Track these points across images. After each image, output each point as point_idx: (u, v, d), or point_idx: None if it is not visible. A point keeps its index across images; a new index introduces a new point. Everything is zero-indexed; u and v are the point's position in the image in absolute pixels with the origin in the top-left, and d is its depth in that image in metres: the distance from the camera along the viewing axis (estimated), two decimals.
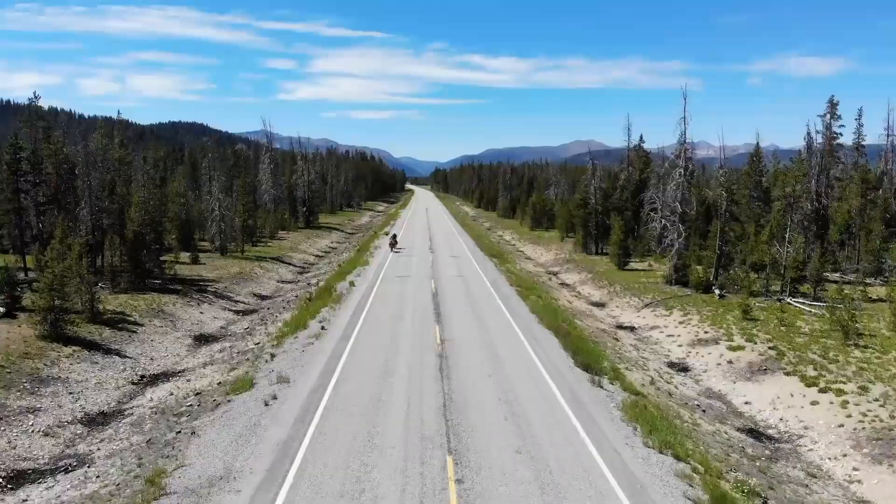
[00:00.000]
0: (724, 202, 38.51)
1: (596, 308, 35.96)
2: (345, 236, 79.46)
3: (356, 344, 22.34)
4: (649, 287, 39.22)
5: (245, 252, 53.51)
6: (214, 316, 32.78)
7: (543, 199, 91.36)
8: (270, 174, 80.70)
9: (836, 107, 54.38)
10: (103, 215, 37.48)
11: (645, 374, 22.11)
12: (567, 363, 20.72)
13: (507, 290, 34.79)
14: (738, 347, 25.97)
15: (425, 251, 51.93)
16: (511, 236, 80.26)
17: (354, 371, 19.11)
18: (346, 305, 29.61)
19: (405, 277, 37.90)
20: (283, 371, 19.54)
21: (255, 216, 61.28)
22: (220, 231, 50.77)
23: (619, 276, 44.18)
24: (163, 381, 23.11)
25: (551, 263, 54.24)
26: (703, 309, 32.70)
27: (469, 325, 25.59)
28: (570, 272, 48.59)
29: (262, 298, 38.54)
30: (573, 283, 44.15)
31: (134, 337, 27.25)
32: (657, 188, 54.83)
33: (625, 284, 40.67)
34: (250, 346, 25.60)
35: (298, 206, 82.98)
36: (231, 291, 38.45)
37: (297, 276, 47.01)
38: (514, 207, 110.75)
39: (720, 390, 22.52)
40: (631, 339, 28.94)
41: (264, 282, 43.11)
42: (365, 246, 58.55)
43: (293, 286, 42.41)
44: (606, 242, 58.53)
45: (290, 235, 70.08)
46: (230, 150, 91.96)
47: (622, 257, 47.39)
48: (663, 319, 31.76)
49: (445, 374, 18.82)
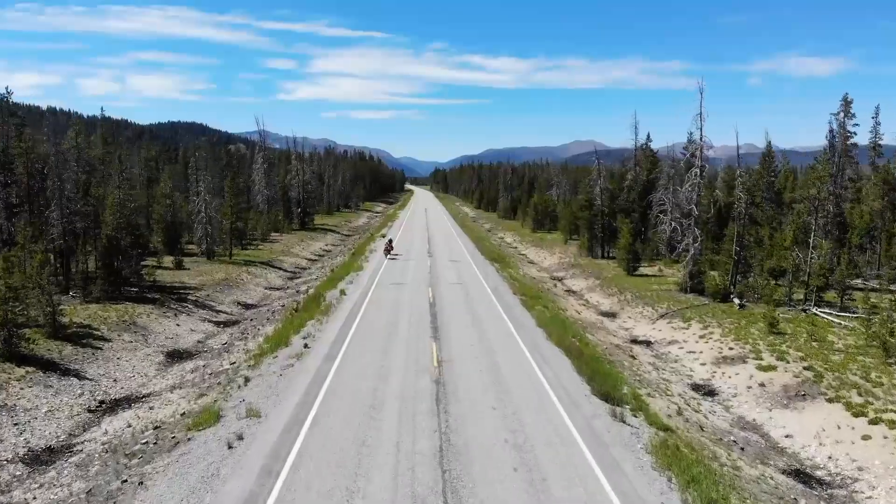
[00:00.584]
0: (743, 204, 35.86)
1: (606, 319, 33.30)
2: (340, 238, 76.79)
3: (342, 367, 19.68)
4: (662, 295, 36.57)
5: (233, 256, 50.85)
6: (192, 328, 30.10)
7: (546, 200, 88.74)
8: (264, 174, 78.02)
9: (850, 105, 51.66)
10: (76, 218, 34.80)
11: (670, 402, 19.45)
12: (582, 390, 18.06)
13: (510, 298, 32.15)
14: (769, 367, 23.33)
15: (423, 255, 49.28)
16: (512, 238, 77.63)
17: (336, 403, 16.45)
18: (334, 318, 26.95)
19: (401, 284, 35.26)
20: (255, 401, 16.89)
21: (244, 218, 58.62)
22: (206, 234, 48.12)
23: (629, 282, 41.53)
24: (124, 407, 20.45)
25: (555, 268, 51.59)
26: (723, 321, 30.06)
27: (469, 341, 22.94)
28: (575, 278, 45.94)
29: (247, 307, 35.87)
30: (580, 291, 41.49)
31: (98, 355, 24.59)
32: (667, 189, 52.25)
33: (636, 292, 38.02)
34: (225, 366, 22.93)
35: (293, 207, 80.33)
36: (213, 300, 35.78)
37: (286, 283, 44.34)
38: (515, 208, 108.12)
39: (755, 420, 19.87)
40: (648, 356, 26.28)
41: (251, 289, 40.43)
42: (360, 249, 55.88)
43: (281, 294, 39.73)
44: (613, 246, 55.93)
45: (283, 238, 67.43)
46: (223, 150, 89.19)
47: (631, 262, 44.76)
48: (682, 333, 29.10)
49: (443, 407, 16.16)
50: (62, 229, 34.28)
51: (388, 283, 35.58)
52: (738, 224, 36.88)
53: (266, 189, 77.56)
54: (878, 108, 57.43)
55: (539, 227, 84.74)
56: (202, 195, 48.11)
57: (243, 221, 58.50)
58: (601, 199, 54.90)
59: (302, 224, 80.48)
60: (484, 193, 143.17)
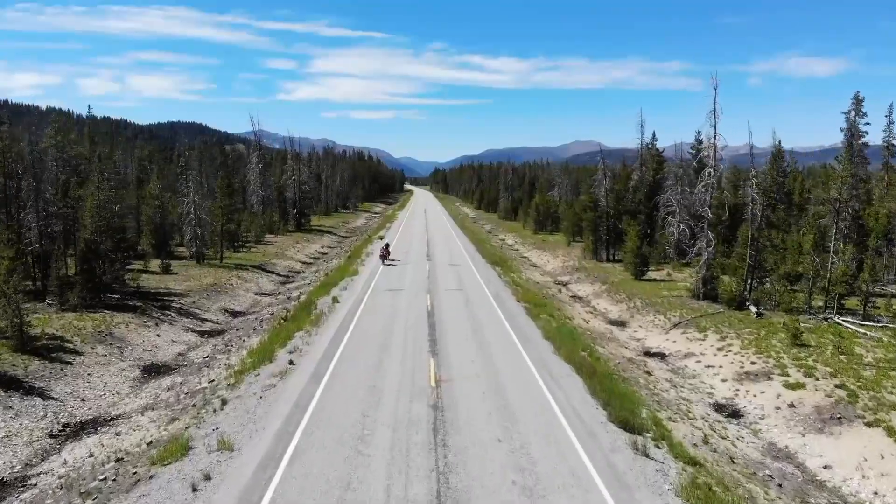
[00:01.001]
0: (760, 206, 33.90)
1: (616, 328, 31.34)
2: (337, 240, 74.83)
3: (329, 388, 17.74)
4: (674, 302, 34.63)
5: (225, 259, 48.92)
6: (173, 339, 28.15)
7: (547, 201, 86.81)
8: (259, 174, 76.08)
9: (861, 103, 49.70)
10: (53, 221, 32.89)
11: (693, 427, 17.51)
12: (597, 416, 16.12)
13: (513, 306, 30.22)
14: (797, 385, 21.39)
15: (422, 258, 47.34)
16: (513, 240, 75.69)
17: (320, 434, 14.50)
18: (324, 328, 25.01)
19: (398, 291, 33.32)
20: (230, 430, 14.97)
21: (237, 219, 56.65)
22: (196, 237, 46.17)
23: (638, 287, 39.59)
24: (89, 432, 18.51)
25: (559, 272, 49.65)
26: (741, 331, 28.12)
27: (470, 356, 21.00)
28: (581, 283, 43.98)
29: (235, 315, 33.91)
30: (586, 297, 39.53)
31: (68, 370, 22.65)
32: (675, 190, 50.34)
33: (645, 298, 36.07)
34: (203, 384, 20.98)
35: (289, 208, 78.38)
36: (199, 307, 33.83)
37: (278, 288, 42.38)
38: (516, 209, 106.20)
39: (788, 447, 17.92)
40: (664, 370, 24.33)
41: (240, 294, 38.47)
42: (357, 252, 53.93)
43: (272, 300, 37.77)
44: (618, 248, 53.99)
45: (277, 239, 65.48)
46: (217, 149, 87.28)
47: (639, 266, 42.81)
48: (698, 344, 27.15)
49: (441, 440, 14.22)
50: (38, 232, 32.37)
51: (384, 290, 33.64)
52: (753, 227, 34.93)
53: (261, 189, 75.63)
54: (891, 107, 55.50)
55: (541, 229, 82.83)
56: (191, 196, 46.16)
57: (236, 223, 56.59)
58: (606, 199, 52.95)
59: (298, 225, 78.55)
60: (484, 194, 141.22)
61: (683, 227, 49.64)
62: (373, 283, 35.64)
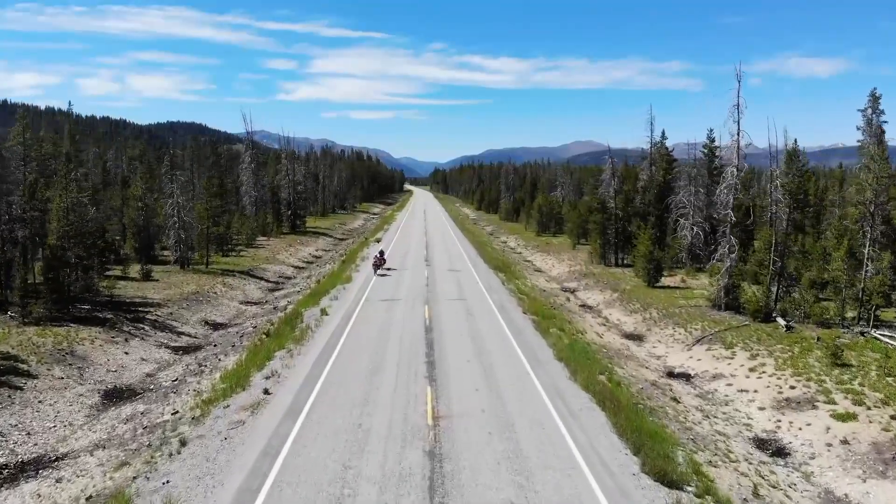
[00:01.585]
0: (787, 208, 31.19)
1: (633, 343, 28.62)
2: (333, 242, 72.12)
3: (305, 428, 15.01)
4: (693, 313, 31.93)
5: (211, 264, 46.20)
6: (143, 357, 25.43)
7: (551, 202, 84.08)
8: (252, 174, 73.36)
9: (878, 100, 46.99)
10: (16, 225, 30.19)
11: (738, 473, 14.78)
12: (628, 465, 13.40)
13: (519, 318, 27.51)
14: (847, 416, 18.68)
15: (420, 263, 44.65)
16: (516, 242, 72.98)
17: (289, 495, 11.77)
18: (309, 348, 22.31)
19: (393, 301, 30.62)
20: (181, 486, 12.30)
21: (226, 222, 53.92)
22: (180, 241, 43.46)
23: (652, 295, 36.89)
24: (29, 476, 15.77)
25: (566, 277, 46.92)
26: (772, 347, 25.42)
27: (474, 383, 18.29)
28: (590, 290, 41.25)
29: (215, 328, 31.17)
30: (597, 306, 36.79)
31: (16, 397, 19.93)
32: (687, 191, 47.64)
33: (661, 308, 33.38)
34: (166, 415, 18.25)
35: (283, 209, 75.66)
36: (177, 319, 31.12)
37: (265, 296, 39.65)
38: (518, 210, 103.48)
39: (848, 496, 15.19)
40: (692, 396, 21.61)
41: (223, 304, 35.74)
42: (352, 256, 51.23)
43: (257, 310, 35.04)
44: (628, 252, 51.30)
45: (270, 242, 62.76)
46: (209, 148, 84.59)
47: (652, 273, 40.08)
48: (726, 364, 24.43)
49: (438, 501, 11.50)
50: (1, 238, 29.67)
51: (379, 300, 30.94)
52: (779, 231, 32.25)
53: (254, 190, 72.92)
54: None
55: (544, 230, 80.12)
56: (175, 197, 43.44)
57: (224, 225, 53.87)
58: (615, 201, 50.23)
59: (292, 227, 75.83)
60: (485, 194, 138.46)
61: (697, 230, 46.98)
62: (366, 292, 32.96)
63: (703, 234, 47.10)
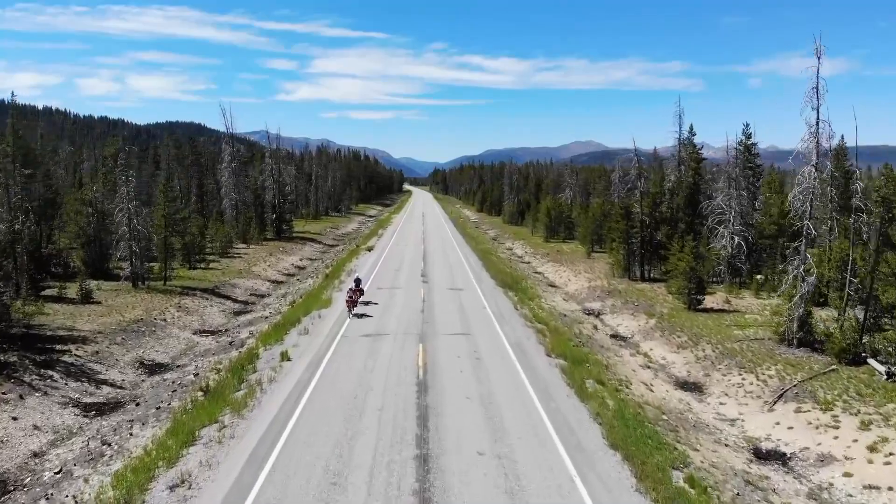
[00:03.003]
0: (878, 220, 24.51)
1: (691, 397, 21.92)
2: (321, 250, 65.41)
3: None
4: (757, 350, 25.26)
5: (172, 279, 39.58)
6: (37, 424, 18.71)
7: (560, 204, 77.39)
8: (232, 174, 66.63)
9: None
10: None
11: None
12: None
13: (543, 365, 20.83)
14: None
15: (415, 279, 37.97)
16: (523, 250, 66.28)
17: None
18: (249, 424, 15.59)
19: (378, 338, 23.93)
20: None
21: (191, 229, 47.18)
22: (132, 253, 36.76)
23: (696, 322, 30.25)
24: None
25: (587, 295, 40.19)
26: (883, 407, 18.77)
27: (490, 496, 11.64)
28: (618, 313, 34.53)
29: (151, 371, 24.41)
30: (632, 337, 30.05)
31: None
32: (727, 194, 40.97)
33: (715, 342, 26.72)
34: None
35: (267, 212, 68.94)
36: (104, 360, 24.40)
37: (228, 321, 32.93)
38: (523, 213, 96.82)
39: None
40: (801, 498, 14.86)
41: (172, 335, 29.02)
42: (337, 269, 44.56)
43: (212, 343, 28.29)
44: (654, 264, 44.68)
45: (249, 250, 56.08)
46: (188, 146, 77.94)
47: (693, 292, 33.41)
48: (830, 436, 17.73)
49: None
50: None
51: (360, 335, 24.24)
52: (855, 245, 25.57)
53: (235, 191, 66.19)
54: None
55: (552, 236, 73.51)
56: (126, 203, 36.73)
57: (194, 233, 47.18)
58: (641, 205, 43.53)
59: (277, 232, 69.16)
60: (486, 195, 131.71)
61: (738, 239, 40.33)
62: (345, 324, 26.25)
63: (744, 245, 40.48)
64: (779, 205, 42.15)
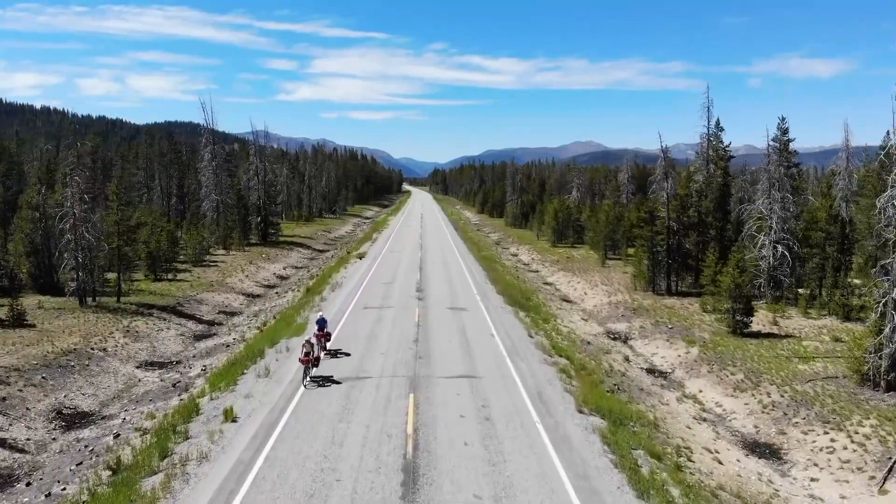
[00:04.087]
0: None
1: (770, 468, 16.59)
2: (309, 256, 60.12)
3: None
4: (835, 395, 20.02)
5: (130, 294, 34.38)
6: None
7: (568, 207, 72.06)
8: (213, 174, 61.30)
9: None
10: None
11: None
12: None
13: (577, 431, 15.46)
14: None
15: (410, 296, 32.67)
16: (529, 256, 60.97)
17: None
18: None
19: (356, 383, 18.62)
20: None
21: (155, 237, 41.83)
22: (78, 265, 31.47)
23: (748, 352, 24.99)
24: None
25: (608, 313, 34.88)
26: None
27: None
28: (650, 337, 29.23)
29: (68, 426, 19.02)
30: (672, 372, 24.70)
31: None
32: (770, 197, 35.69)
33: (780, 382, 21.45)
34: None
35: (251, 215, 63.58)
36: (9, 408, 19.09)
37: (185, 349, 27.62)
38: (527, 215, 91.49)
39: None
40: None
41: (110, 370, 23.69)
42: (319, 284, 39.26)
43: (155, 381, 22.93)
44: (680, 276, 39.47)
45: (228, 258, 50.81)
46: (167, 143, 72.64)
47: (739, 314, 28.12)
48: None
49: None
50: None
51: (333, 381, 18.91)
52: None
53: (215, 192, 60.85)
54: None
55: (560, 240, 68.24)
56: (71, 208, 31.42)
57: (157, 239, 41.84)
58: (668, 209, 38.23)
59: (263, 237, 63.87)
60: (488, 196, 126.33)
61: (782, 249, 35.07)
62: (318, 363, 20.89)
63: (789, 255, 35.21)
64: (826, 209, 37.00)
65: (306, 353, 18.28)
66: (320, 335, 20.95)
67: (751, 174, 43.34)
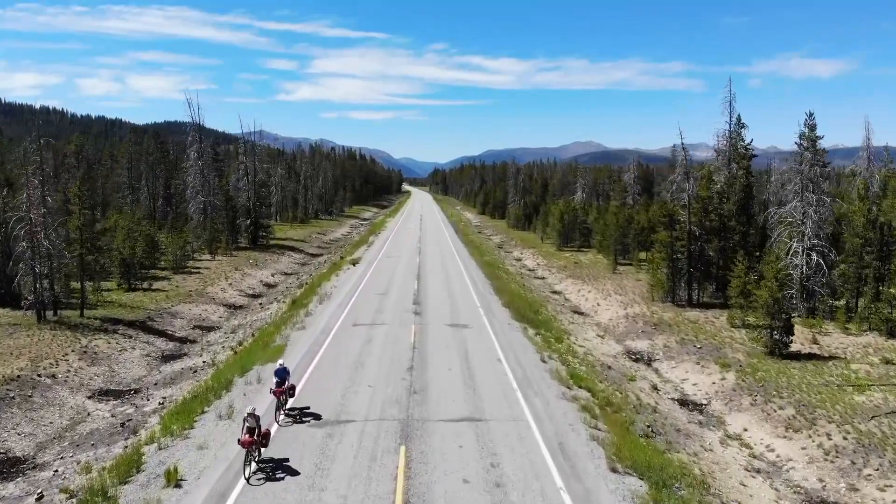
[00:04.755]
0: None
1: None
2: (301, 261, 56.82)
3: None
4: None
5: (97, 306, 31.16)
6: None
7: (574, 208, 68.76)
8: (199, 174, 58.01)
9: None
10: None
11: None
12: None
13: (604, 488, 12.30)
14: None
15: (406, 310, 29.39)
16: (534, 261, 57.68)
17: None
18: None
19: (335, 428, 15.34)
20: None
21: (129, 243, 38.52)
22: (35, 276, 28.17)
23: (792, 378, 21.73)
24: None
25: (626, 327, 31.59)
26: None
27: None
28: (677, 359, 25.93)
29: None
30: (709, 403, 21.39)
31: None
32: (804, 199, 32.43)
33: (839, 419, 18.19)
34: None
35: (239, 217, 60.29)
36: None
37: (148, 372, 24.33)
38: (530, 216, 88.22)
39: None
40: None
41: (56, 401, 20.39)
42: (309, 291, 36.00)
43: (105, 418, 19.62)
44: (703, 285, 36.22)
45: (212, 264, 47.53)
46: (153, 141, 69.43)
47: (780, 333, 24.83)
48: None
49: None
50: None
51: (307, 426, 15.62)
52: None
53: (202, 194, 57.56)
54: None
55: (566, 243, 65.03)
56: (29, 211, 28.13)
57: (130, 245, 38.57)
58: (689, 213, 34.95)
59: (253, 240, 60.56)
60: (489, 197, 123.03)
61: (817, 257, 31.81)
62: (298, 390, 17.63)
63: (824, 263, 31.95)
64: (864, 212, 33.70)
65: (249, 431, 12.82)
66: (278, 392, 15.76)
67: (780, 174, 39.96)
